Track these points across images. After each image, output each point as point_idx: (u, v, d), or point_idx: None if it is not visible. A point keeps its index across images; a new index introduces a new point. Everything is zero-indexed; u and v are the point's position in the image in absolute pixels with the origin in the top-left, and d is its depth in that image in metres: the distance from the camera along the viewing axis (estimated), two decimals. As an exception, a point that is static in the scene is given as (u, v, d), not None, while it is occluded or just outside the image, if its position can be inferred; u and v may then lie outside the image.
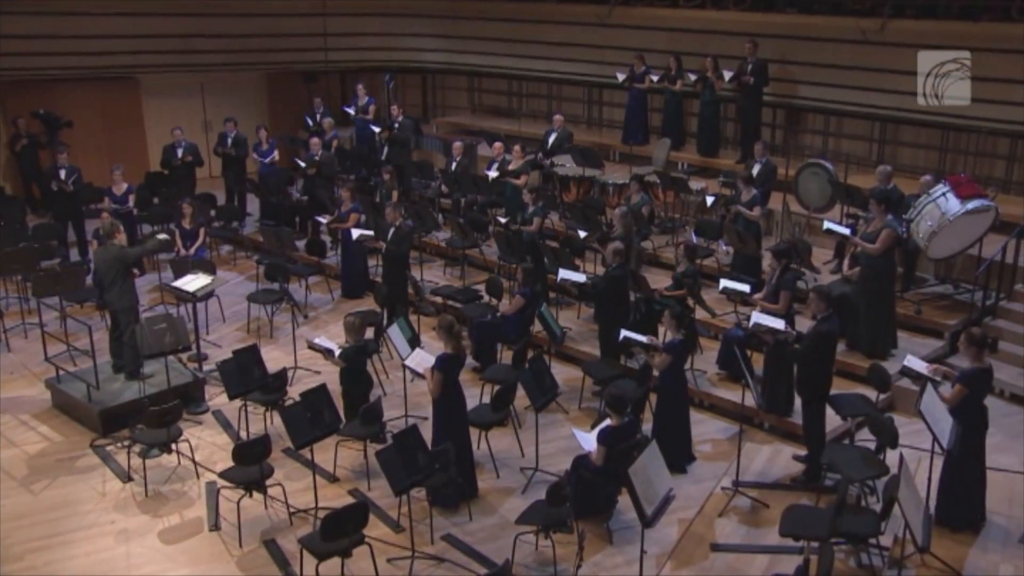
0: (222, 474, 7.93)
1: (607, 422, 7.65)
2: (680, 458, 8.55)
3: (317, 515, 7.71)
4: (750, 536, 7.69)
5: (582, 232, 11.51)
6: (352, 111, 16.53)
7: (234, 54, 17.35)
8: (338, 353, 8.72)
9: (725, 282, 10.00)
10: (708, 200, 12.64)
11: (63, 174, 13.42)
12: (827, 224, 10.72)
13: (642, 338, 8.70)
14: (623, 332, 8.82)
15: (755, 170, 12.16)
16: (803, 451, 8.55)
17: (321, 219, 12.84)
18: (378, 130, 15.64)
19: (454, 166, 14.08)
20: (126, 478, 8.51)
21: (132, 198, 13.44)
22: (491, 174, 13.32)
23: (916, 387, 8.29)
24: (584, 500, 7.65)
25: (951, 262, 10.97)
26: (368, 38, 18.38)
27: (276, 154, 14.96)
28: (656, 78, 15.00)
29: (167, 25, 16.69)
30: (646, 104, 15.53)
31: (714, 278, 10.95)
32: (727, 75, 14.06)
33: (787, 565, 7.02)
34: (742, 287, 9.81)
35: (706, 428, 9.35)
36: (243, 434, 9.10)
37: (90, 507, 8.13)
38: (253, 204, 15.04)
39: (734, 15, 15.20)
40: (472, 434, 8.31)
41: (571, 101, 17.71)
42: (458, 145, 14.32)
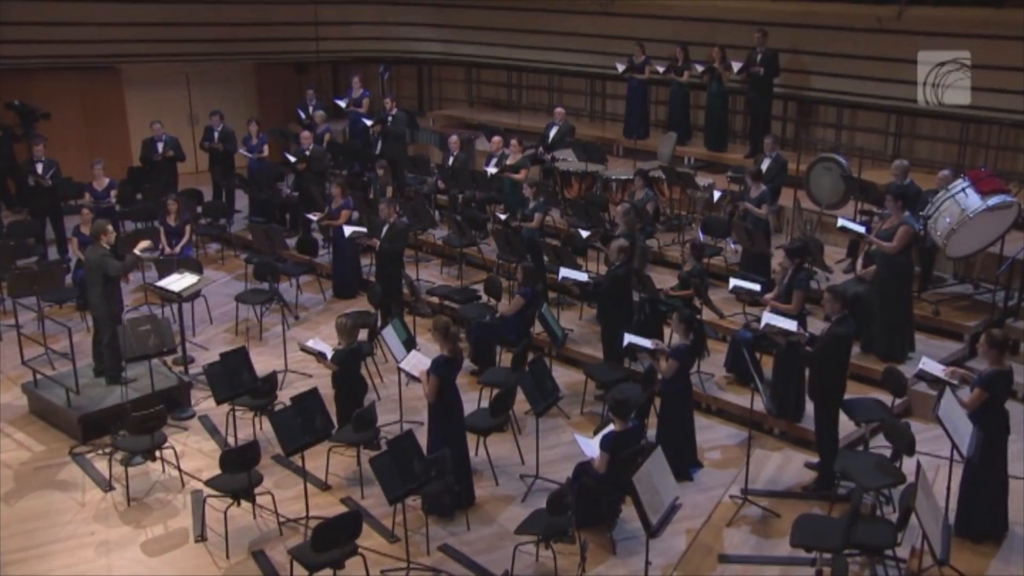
0: (208, 482, 7.86)
1: (610, 427, 7.62)
2: (686, 465, 8.52)
3: (308, 525, 7.68)
4: (760, 547, 7.62)
5: (584, 231, 11.46)
6: (344, 104, 16.40)
7: (221, 43, 17.18)
8: (331, 356, 8.71)
9: (735, 281, 10.02)
10: (715, 196, 12.60)
11: (40, 168, 13.18)
12: (842, 221, 10.67)
13: (647, 343, 8.67)
14: (627, 338, 8.78)
15: (765, 165, 12.13)
16: (815, 458, 8.48)
17: (312, 216, 12.77)
18: (369, 123, 15.53)
19: (451, 161, 14.02)
20: (107, 487, 8.42)
21: (114, 194, 13.28)
22: (490, 170, 13.30)
23: (934, 391, 8.26)
24: (586, 509, 7.56)
25: (971, 261, 10.91)
26: (361, 27, 18.35)
27: (266, 149, 14.82)
28: (661, 69, 14.93)
29: (150, 12, 16.46)
30: (647, 96, 15.44)
31: (722, 277, 11.10)
32: (735, 66, 14.02)
33: (799, 578, 6.99)
34: (753, 286, 9.85)
35: (714, 434, 9.32)
36: (231, 440, 9.03)
37: (69, 518, 8.03)
38: (242, 200, 14.95)
39: (743, 3, 15.07)
40: (470, 440, 8.28)
41: (573, 93, 17.61)
42: (455, 139, 14.24)
